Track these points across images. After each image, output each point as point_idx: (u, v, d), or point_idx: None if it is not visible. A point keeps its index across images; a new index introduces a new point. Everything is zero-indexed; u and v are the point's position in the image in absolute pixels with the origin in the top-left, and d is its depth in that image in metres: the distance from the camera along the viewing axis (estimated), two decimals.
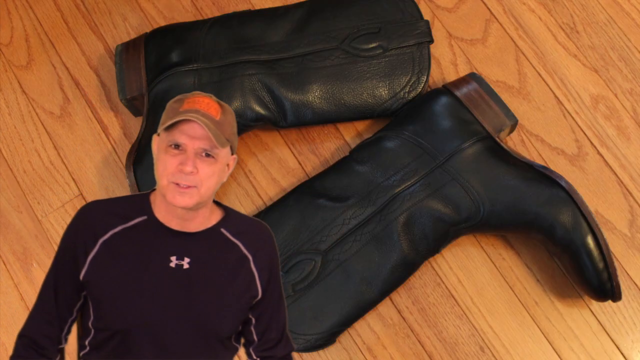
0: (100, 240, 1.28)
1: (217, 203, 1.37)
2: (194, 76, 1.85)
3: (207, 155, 1.25)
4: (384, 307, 1.83)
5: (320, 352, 1.80)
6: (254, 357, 1.39)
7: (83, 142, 1.97)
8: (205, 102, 1.27)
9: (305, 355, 1.80)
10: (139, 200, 1.33)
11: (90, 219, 1.30)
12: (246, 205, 1.91)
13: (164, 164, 1.25)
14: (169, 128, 1.25)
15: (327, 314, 1.73)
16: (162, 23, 2.06)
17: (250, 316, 1.36)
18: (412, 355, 1.80)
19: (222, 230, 1.32)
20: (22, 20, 2.08)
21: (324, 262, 1.75)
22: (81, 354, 1.33)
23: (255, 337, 1.37)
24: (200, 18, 2.06)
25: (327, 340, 1.74)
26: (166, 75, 1.86)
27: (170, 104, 1.30)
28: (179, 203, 1.24)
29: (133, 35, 2.05)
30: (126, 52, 1.90)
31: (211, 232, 1.31)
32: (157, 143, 1.30)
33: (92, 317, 1.29)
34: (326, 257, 1.75)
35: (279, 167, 1.94)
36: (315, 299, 1.74)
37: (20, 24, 2.07)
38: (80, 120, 1.99)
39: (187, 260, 1.28)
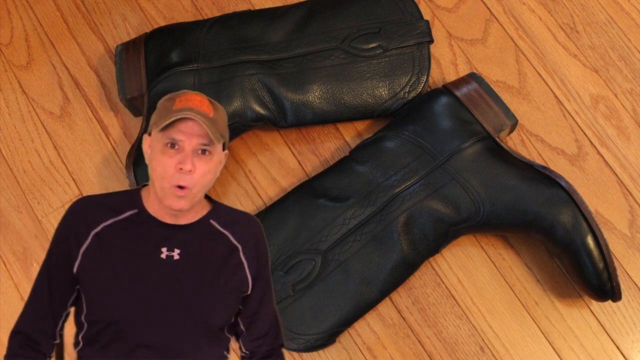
0: (92, 232, 1.30)
1: (207, 197, 1.39)
2: (194, 76, 1.85)
3: (204, 152, 1.27)
4: (384, 307, 1.83)
5: (320, 352, 1.80)
6: (244, 350, 1.40)
7: (83, 142, 1.97)
8: (197, 100, 1.29)
9: (305, 355, 1.80)
10: (130, 194, 1.35)
11: (82, 213, 1.32)
12: (246, 205, 1.91)
13: (163, 166, 1.26)
14: (166, 128, 1.27)
15: (327, 314, 1.73)
16: (162, 23, 2.06)
17: (239, 306, 1.37)
18: (412, 355, 1.80)
19: (211, 221, 1.34)
20: (22, 20, 2.08)
21: (324, 262, 1.75)
22: (76, 349, 1.34)
23: (242, 328, 1.38)
24: (200, 18, 2.06)
25: (327, 340, 1.75)
26: (166, 75, 1.86)
27: (162, 103, 1.31)
28: (176, 206, 1.27)
29: (133, 35, 2.05)
30: (126, 52, 1.90)
31: (200, 224, 1.33)
32: (151, 143, 1.31)
33: (84, 311, 1.31)
34: (326, 257, 1.75)
35: (279, 167, 1.94)
36: (315, 299, 1.74)
37: (20, 24, 2.07)
38: (80, 120, 1.99)
39: (177, 251, 1.30)
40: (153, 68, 1.88)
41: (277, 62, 1.88)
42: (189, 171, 1.25)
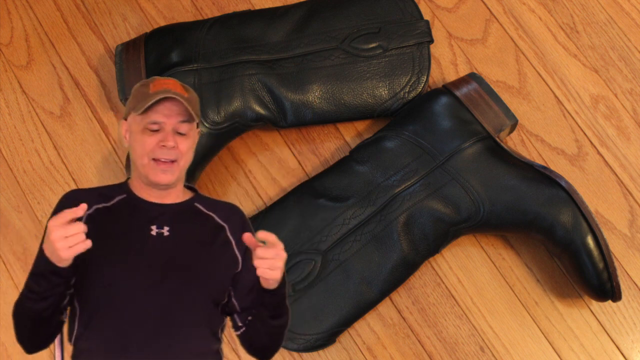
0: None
1: (189, 187, 1.46)
2: (194, 76, 1.85)
3: (181, 133, 1.35)
4: (384, 307, 1.83)
5: (320, 352, 1.80)
6: (239, 324, 1.41)
7: (83, 142, 1.97)
8: (172, 83, 1.37)
9: (305, 355, 1.80)
10: (119, 184, 1.42)
11: (75, 198, 1.38)
12: (246, 205, 1.91)
13: (142, 144, 1.33)
14: (146, 111, 1.34)
15: (327, 314, 1.73)
16: (162, 23, 2.06)
17: (231, 286, 1.39)
18: (412, 355, 1.80)
19: (196, 204, 1.40)
20: (22, 20, 2.08)
21: (324, 262, 1.75)
22: (72, 338, 1.35)
23: (237, 307, 1.40)
24: (200, 18, 2.06)
25: (327, 340, 1.75)
26: (166, 75, 1.86)
27: (136, 89, 1.39)
28: (162, 180, 1.33)
29: (133, 35, 2.05)
30: (126, 52, 1.90)
31: (186, 205, 1.39)
32: (128, 127, 1.39)
33: (78, 294, 1.33)
34: (326, 257, 1.75)
35: (279, 167, 1.94)
36: (315, 299, 1.74)
37: (20, 24, 2.07)
38: (80, 120, 1.99)
39: (166, 228, 1.35)
40: (153, 68, 1.88)
41: (277, 62, 1.88)
42: (172, 147, 1.32)
